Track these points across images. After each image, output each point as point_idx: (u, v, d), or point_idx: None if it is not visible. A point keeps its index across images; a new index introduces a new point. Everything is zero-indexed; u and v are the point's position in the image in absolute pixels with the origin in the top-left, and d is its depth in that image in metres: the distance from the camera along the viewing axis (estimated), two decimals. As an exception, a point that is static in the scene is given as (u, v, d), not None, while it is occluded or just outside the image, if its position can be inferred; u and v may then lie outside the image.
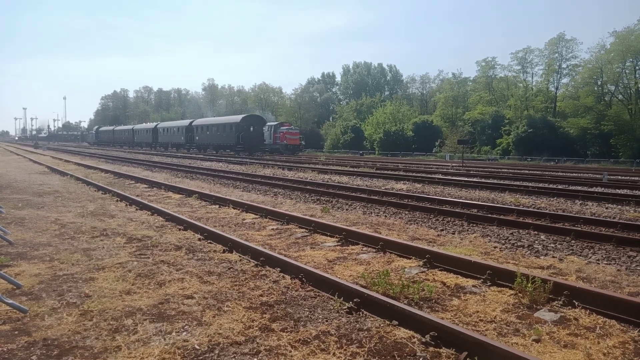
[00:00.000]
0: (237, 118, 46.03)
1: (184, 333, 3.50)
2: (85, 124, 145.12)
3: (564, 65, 57.55)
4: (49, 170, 20.73)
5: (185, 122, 55.64)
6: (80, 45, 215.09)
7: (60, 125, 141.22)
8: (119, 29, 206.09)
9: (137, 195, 11.79)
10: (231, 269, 5.32)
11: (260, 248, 5.92)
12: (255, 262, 5.56)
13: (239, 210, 9.86)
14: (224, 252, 6.13)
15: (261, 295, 4.42)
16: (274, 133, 46.35)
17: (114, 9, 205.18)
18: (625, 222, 8.56)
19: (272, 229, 7.92)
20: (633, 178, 20.43)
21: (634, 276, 5.46)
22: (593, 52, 54.00)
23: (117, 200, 11.04)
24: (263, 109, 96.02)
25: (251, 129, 44.26)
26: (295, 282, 4.80)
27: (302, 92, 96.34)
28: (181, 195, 12.42)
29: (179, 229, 7.61)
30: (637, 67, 50.89)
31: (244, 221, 8.69)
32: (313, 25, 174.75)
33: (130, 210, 9.71)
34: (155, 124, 66.27)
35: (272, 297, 4.37)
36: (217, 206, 10.52)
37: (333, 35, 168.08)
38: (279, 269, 5.23)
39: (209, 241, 6.73)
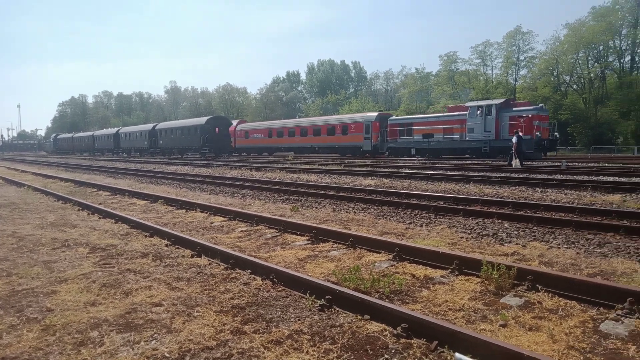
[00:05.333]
0: (202, 120, 45.49)
1: (153, 342, 3.42)
2: (42, 132, 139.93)
3: (521, 58, 59.62)
4: (3, 182, 19.82)
5: (148, 126, 54.59)
6: (33, 50, 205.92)
7: (15, 135, 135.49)
8: (75, 33, 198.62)
9: (100, 204, 11.44)
10: (200, 274, 5.24)
11: (229, 251, 5.85)
12: (225, 265, 5.49)
13: (206, 213, 9.72)
14: (192, 256, 6.02)
15: (232, 298, 4.36)
16: (497, 119, 26.47)
17: (68, 12, 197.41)
18: (582, 206, 8.92)
19: (242, 231, 7.85)
20: (589, 164, 21.32)
21: (592, 258, 5.70)
22: (548, 44, 56.24)
23: (78, 210, 10.67)
24: (228, 110, 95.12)
25: (217, 130, 43.76)
26: (266, 283, 4.77)
27: (267, 92, 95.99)
28: (146, 201, 12.13)
29: (145, 236, 7.42)
30: (589, 58, 53.19)
31: (212, 224, 8.57)
32: (276, 24, 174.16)
33: (93, 219, 9.41)
34: (116, 129, 64.70)
35: (243, 300, 4.32)
36: (184, 210, 10.33)
37: (296, 34, 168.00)
38: (249, 270, 5.19)
39: (176, 246, 6.59)
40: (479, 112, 27.62)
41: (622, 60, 52.08)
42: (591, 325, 3.62)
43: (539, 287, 4.36)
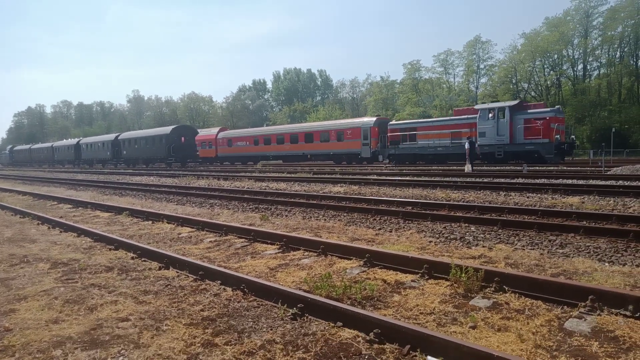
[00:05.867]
0: (167, 129, 44.65)
1: (120, 358, 3.30)
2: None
3: (481, 66, 61.53)
4: (-44, 196, 18.83)
5: (111, 136, 53.23)
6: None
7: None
8: (31, 41, 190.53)
9: (61, 217, 11.02)
10: (169, 286, 5.11)
11: (198, 262, 5.74)
12: (194, 277, 5.37)
13: (173, 224, 9.51)
14: (160, 269, 5.87)
15: (202, 310, 4.27)
16: (511, 122, 25.21)
17: (24, 19, 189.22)
18: (544, 209, 9.24)
19: (210, 242, 7.72)
20: (549, 168, 22.13)
21: (555, 258, 5.90)
22: (506, 52, 58.31)
23: (38, 224, 10.24)
24: (194, 118, 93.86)
25: (182, 139, 43.07)
26: (237, 294, 4.70)
27: (233, 100, 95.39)
28: (110, 214, 11.77)
29: (110, 249, 7.19)
30: (545, 66, 55.50)
31: (180, 235, 8.40)
32: (242, 32, 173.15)
33: (54, 233, 9.05)
34: (77, 139, 62.73)
35: (213, 311, 4.24)
36: (150, 222, 10.08)
37: (262, 42, 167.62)
38: (219, 281, 5.10)
39: (143, 259, 6.42)
40: (490, 115, 26.07)
41: (575, 69, 54.63)
42: (556, 323, 3.74)
43: (506, 288, 4.47)
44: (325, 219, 9.85)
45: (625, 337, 3.40)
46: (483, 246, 6.75)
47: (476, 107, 28.05)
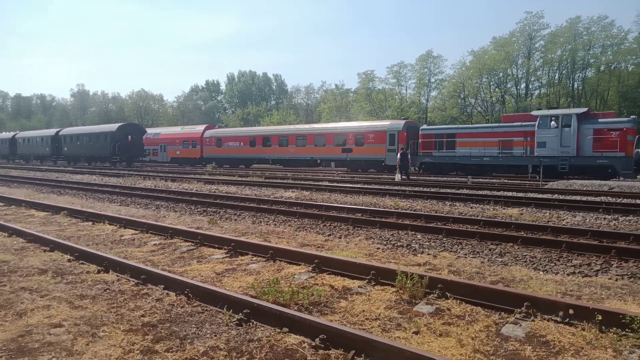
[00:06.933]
0: (113, 127, 42.94)
1: (51, 367, 3.10)
2: None
3: (432, 80, 63.55)
4: None
5: (51, 132, 50.55)
6: None
7: None
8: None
9: (-9, 215, 10.28)
10: (107, 291, 4.87)
11: (140, 265, 5.52)
12: (136, 281, 5.16)
13: (116, 226, 9.11)
14: (98, 272, 5.60)
15: (143, 316, 4.10)
16: (579, 132, 22.32)
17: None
18: (486, 219, 9.64)
19: (155, 245, 7.45)
20: (492, 180, 23.18)
21: (494, 267, 6.16)
22: (456, 68, 60.67)
23: (-36, 222, 9.49)
24: (142, 117, 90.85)
25: (129, 138, 41.54)
26: (180, 299, 4.56)
27: (185, 100, 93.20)
28: (47, 213, 11.10)
29: (44, 251, 6.77)
30: (491, 83, 58.26)
31: (122, 238, 8.05)
32: (196, 32, 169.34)
33: (-18, 232, 8.41)
34: (13, 133, 59.07)
35: (155, 317, 4.08)
36: (91, 223, 9.60)
37: (217, 43, 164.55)
38: (162, 286, 4.92)
39: (80, 262, 6.09)
40: (553, 122, 23.12)
41: (518, 87, 57.65)
42: (494, 329, 3.90)
43: (448, 294, 4.62)
44: (275, 224, 9.78)
45: (555, 342, 3.59)
46: (428, 254, 6.94)
47: (534, 113, 25.19)
